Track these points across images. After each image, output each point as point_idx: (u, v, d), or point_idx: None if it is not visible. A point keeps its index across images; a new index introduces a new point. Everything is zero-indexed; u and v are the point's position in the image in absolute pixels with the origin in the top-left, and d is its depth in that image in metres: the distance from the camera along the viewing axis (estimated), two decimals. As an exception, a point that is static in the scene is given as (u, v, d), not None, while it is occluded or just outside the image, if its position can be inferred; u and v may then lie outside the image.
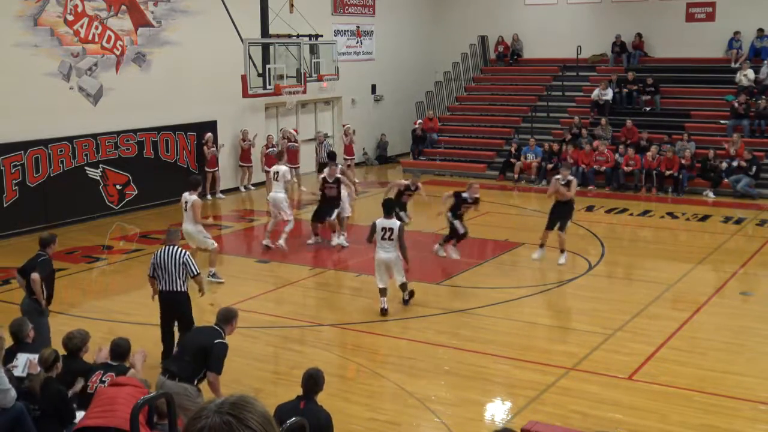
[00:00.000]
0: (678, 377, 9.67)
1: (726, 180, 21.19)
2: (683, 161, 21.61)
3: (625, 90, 25.07)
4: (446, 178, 24.04)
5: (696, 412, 8.77)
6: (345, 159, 24.09)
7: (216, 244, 13.78)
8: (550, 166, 23.18)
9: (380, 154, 27.94)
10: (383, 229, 11.86)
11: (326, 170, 16.25)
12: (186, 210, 13.33)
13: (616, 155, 22.49)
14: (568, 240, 14.94)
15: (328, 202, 16.02)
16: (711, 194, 21.18)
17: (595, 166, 22.60)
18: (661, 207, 20.08)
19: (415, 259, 15.81)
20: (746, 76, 23.79)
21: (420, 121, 27.03)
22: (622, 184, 22.17)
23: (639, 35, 26.47)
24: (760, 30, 24.63)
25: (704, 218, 18.83)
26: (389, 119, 28.05)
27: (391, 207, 12.44)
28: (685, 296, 13.01)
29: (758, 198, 20.67)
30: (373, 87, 27.77)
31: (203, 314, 10.94)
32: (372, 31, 27.59)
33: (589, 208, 19.91)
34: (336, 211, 16.01)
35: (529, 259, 15.04)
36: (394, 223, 11.97)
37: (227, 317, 8.01)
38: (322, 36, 23.44)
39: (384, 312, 11.89)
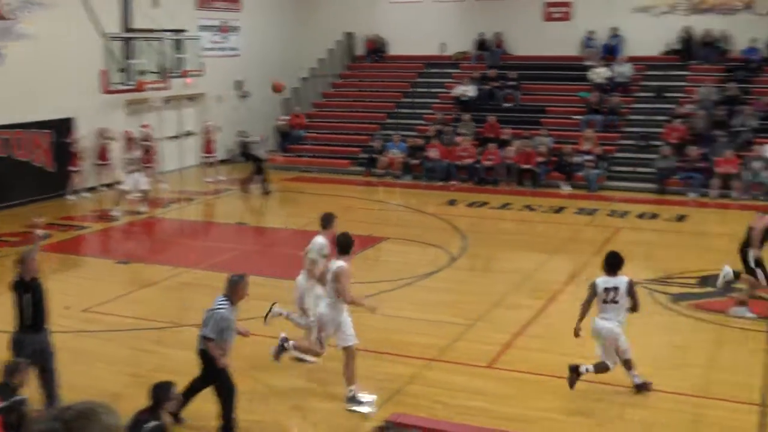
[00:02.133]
0: (536, 364, 10.03)
1: (580, 173, 22.10)
2: (540, 158, 22.42)
3: (487, 87, 25.76)
4: (313, 175, 24.08)
5: (554, 396, 9.13)
6: (205, 157, 23.78)
7: None
8: (414, 161, 23.58)
9: (245, 151, 27.65)
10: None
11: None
12: None
13: (478, 150, 23.11)
14: (430, 234, 15.24)
15: None
16: (566, 187, 22.04)
17: (457, 162, 23.12)
18: (519, 200, 20.75)
19: (267, 255, 15.85)
20: (599, 73, 24.87)
21: (286, 117, 26.94)
22: (483, 179, 22.78)
23: (499, 34, 27.22)
24: (613, 29, 25.78)
25: (559, 210, 19.59)
26: (254, 116, 27.80)
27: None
28: (541, 285, 13.50)
29: (601, 190, 21.65)
30: (239, 83, 27.47)
31: (59, 319, 10.57)
32: (238, 26, 27.28)
33: (452, 202, 20.39)
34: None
35: (392, 253, 15.25)
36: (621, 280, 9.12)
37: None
38: (186, 31, 23.02)
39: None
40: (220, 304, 8.12)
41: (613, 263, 9.14)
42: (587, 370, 9.19)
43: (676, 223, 18.42)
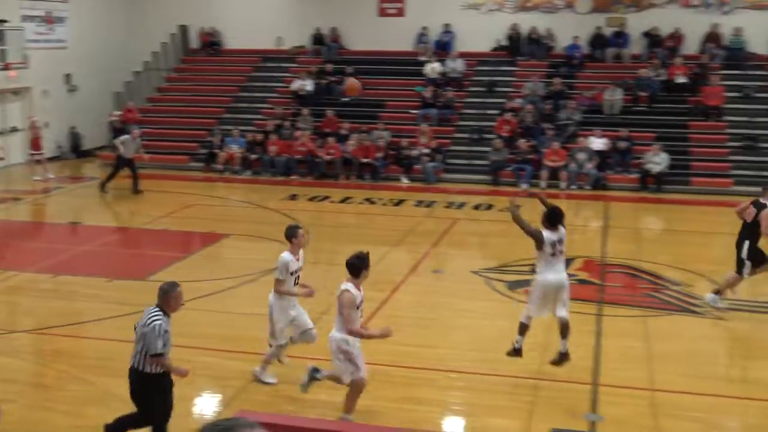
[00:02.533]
0: (378, 354, 10.18)
1: (417, 166, 22.62)
2: (378, 151, 22.79)
3: (325, 81, 25.87)
4: (149, 171, 23.42)
5: (396, 386, 9.33)
6: (32, 154, 22.69)
7: None
8: (254, 156, 23.41)
9: (76, 147, 26.58)
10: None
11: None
12: None
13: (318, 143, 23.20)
14: (272, 230, 15.17)
15: None
16: (405, 180, 22.50)
17: (297, 156, 23.12)
18: (360, 193, 21.01)
19: (103, 255, 15.36)
20: (434, 68, 25.50)
21: (118, 112, 26.08)
22: (324, 173, 22.89)
23: (335, 29, 27.39)
24: (446, 25, 26.49)
25: (399, 203, 19.99)
26: (85, 110, 26.75)
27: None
28: (383, 277, 13.70)
29: (438, 182, 22.26)
30: (67, 76, 26.34)
31: None
32: (65, 17, 26.12)
33: (293, 197, 20.40)
34: None
35: (235, 250, 15.08)
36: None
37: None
38: (8, 22, 21.84)
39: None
40: (153, 316, 7.37)
41: (554, 217, 9.38)
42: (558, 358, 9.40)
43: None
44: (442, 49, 26.37)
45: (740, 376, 10.00)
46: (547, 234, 9.31)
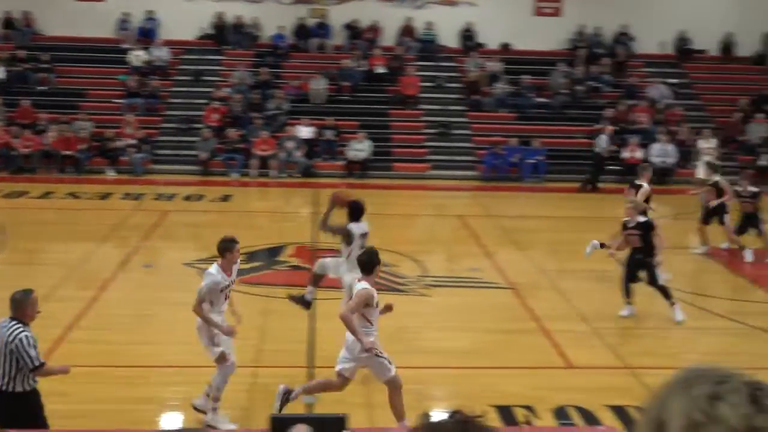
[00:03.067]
0: (93, 355, 9.79)
1: (124, 158, 21.85)
2: (81, 143, 21.70)
3: (19, 69, 24.16)
4: None
5: (113, 386, 9.00)
6: None
7: None
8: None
9: None
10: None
11: None
12: None
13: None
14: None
15: None
16: (111, 172, 21.64)
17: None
18: (62, 188, 19.91)
19: None
20: (138, 56, 24.69)
21: None
22: (21, 167, 21.42)
23: (28, 13, 25.61)
24: (149, 12, 25.70)
25: (106, 196, 19.22)
26: None
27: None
28: (91, 275, 13.16)
29: (146, 174, 21.72)
30: None
31: None
32: None
33: (-13, 194, 18.90)
34: None
35: None
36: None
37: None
38: None
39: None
40: (16, 329, 6.79)
41: (357, 209, 9.64)
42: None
43: (221, 203, 19.12)
44: (146, 36, 25.60)
45: (444, 347, 10.75)
46: (354, 227, 9.68)
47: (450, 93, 24.66)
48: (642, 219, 11.66)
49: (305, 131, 22.54)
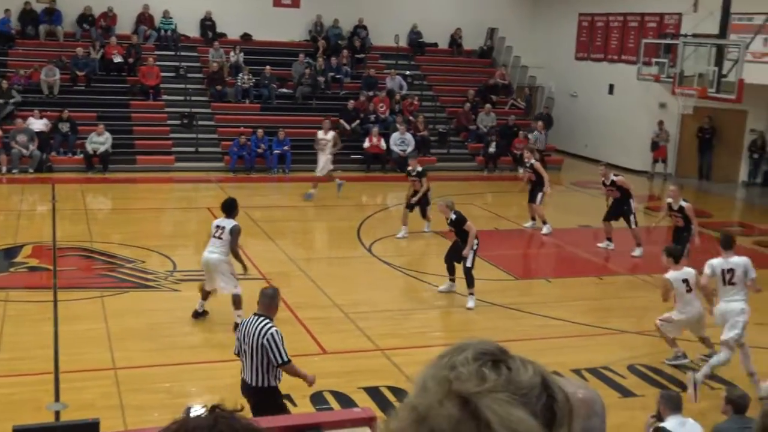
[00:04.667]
0: None
1: None
2: None
3: None
4: None
5: None
6: None
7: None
8: None
9: None
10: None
11: None
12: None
13: None
14: None
15: None
16: None
17: None
18: None
19: None
20: None
21: None
22: None
23: None
24: None
25: None
26: None
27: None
28: None
29: None
30: None
31: None
32: None
33: None
34: None
35: None
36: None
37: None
38: None
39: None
40: (266, 325, 7.15)
41: (229, 207, 10.88)
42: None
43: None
44: None
45: (198, 341, 10.62)
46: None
47: (192, 83, 24.23)
48: (454, 216, 12.11)
49: (38, 124, 21.18)
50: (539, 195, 16.50)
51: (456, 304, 12.46)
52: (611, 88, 25.69)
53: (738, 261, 9.56)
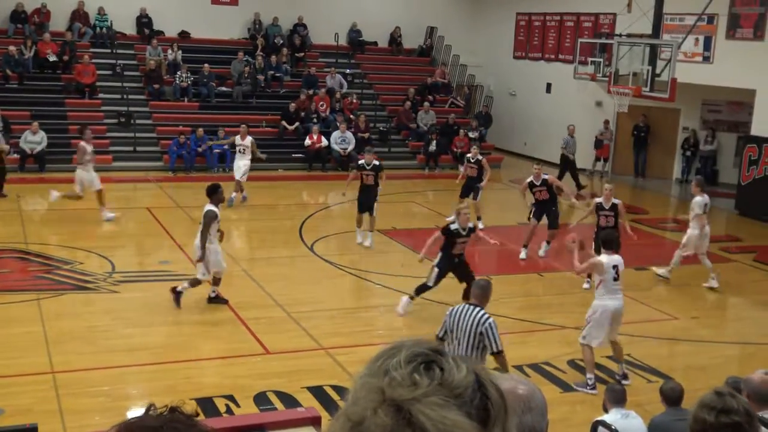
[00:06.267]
0: None
1: None
2: None
3: None
4: None
5: None
6: None
7: None
8: None
9: None
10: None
11: None
12: None
13: None
14: None
15: None
16: None
17: None
18: None
19: None
20: None
21: None
22: None
23: None
24: None
25: None
26: None
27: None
28: None
29: None
30: None
31: None
32: None
33: None
34: None
35: None
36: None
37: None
38: None
39: None
40: (482, 314, 7.57)
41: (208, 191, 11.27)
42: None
43: None
44: None
45: (137, 343, 10.48)
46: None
47: (129, 82, 23.85)
48: (470, 225, 11.82)
49: (-32, 123, 20.65)
50: (480, 192, 16.59)
51: (398, 302, 12.51)
52: (549, 86, 26.07)
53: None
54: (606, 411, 6.88)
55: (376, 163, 15.14)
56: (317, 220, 17.55)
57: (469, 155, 17.20)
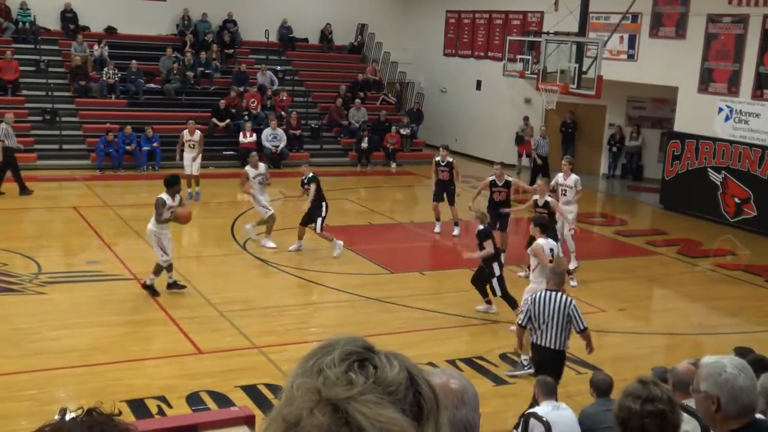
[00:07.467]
0: None
1: None
2: None
3: None
4: None
5: None
6: None
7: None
8: None
9: None
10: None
11: None
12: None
13: None
14: None
15: None
16: None
17: None
18: None
19: None
20: None
21: None
22: None
23: None
24: None
25: None
26: None
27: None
28: None
29: None
30: None
31: None
32: None
33: None
34: None
35: None
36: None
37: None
38: None
39: None
40: (565, 297, 8.33)
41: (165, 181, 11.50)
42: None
43: None
44: None
45: (65, 345, 10.26)
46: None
47: (54, 78, 23.31)
48: (481, 227, 11.86)
49: None
50: (455, 195, 16.28)
51: (331, 299, 12.53)
52: (479, 83, 26.34)
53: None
54: (537, 403, 7.00)
55: (310, 175, 14.56)
56: (249, 218, 17.41)
57: (438, 158, 16.56)
